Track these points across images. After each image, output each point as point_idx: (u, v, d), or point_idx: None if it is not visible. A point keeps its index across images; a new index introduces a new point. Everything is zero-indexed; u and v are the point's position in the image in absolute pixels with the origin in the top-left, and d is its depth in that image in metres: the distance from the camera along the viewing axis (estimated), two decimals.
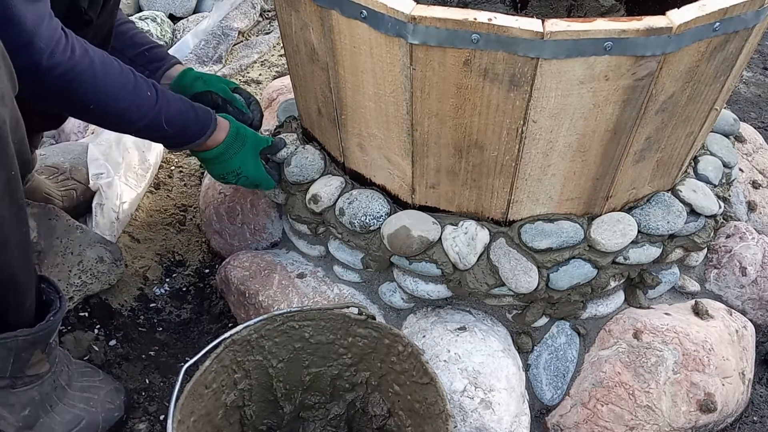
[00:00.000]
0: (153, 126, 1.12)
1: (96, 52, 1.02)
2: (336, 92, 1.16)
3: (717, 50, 1.00)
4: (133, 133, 1.16)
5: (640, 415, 1.16)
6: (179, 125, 1.15)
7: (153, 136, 1.18)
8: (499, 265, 1.18)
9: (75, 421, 1.13)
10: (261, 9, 2.44)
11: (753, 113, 2.12)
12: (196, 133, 1.19)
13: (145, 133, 1.16)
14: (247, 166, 1.27)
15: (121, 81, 1.05)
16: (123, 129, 1.16)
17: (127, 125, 1.12)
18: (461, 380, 1.14)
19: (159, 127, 1.12)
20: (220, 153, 1.23)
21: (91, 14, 1.19)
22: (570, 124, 1.03)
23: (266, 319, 1.08)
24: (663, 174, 1.23)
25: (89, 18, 1.19)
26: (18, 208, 0.94)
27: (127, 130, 1.16)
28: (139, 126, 1.11)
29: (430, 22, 0.92)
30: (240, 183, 1.30)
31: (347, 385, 1.16)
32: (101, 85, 1.02)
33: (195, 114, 1.18)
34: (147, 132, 1.15)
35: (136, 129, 1.13)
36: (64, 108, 1.13)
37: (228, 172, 1.27)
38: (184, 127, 1.17)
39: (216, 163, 1.25)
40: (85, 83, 1.00)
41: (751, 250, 1.37)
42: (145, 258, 1.53)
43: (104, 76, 1.02)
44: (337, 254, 1.32)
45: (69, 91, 0.99)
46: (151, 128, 1.12)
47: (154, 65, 1.36)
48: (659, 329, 1.22)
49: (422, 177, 1.18)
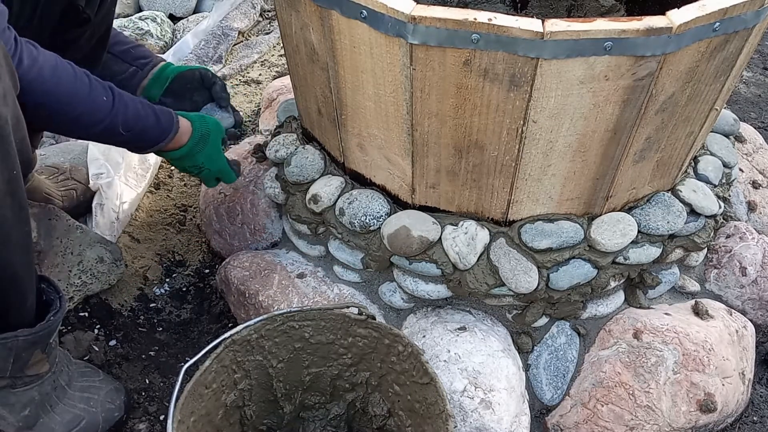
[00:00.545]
0: (109, 131, 1.11)
1: (47, 59, 1.00)
2: (336, 92, 1.16)
3: (717, 50, 1.00)
4: (91, 138, 1.16)
5: (640, 415, 1.16)
6: (138, 130, 1.14)
7: (111, 141, 1.16)
8: (499, 265, 1.18)
9: (75, 421, 1.13)
10: (261, 9, 2.44)
11: (753, 113, 2.12)
12: (156, 137, 1.18)
13: (102, 138, 1.15)
14: (210, 161, 1.29)
15: (74, 87, 1.04)
16: (78, 135, 1.16)
17: (82, 131, 1.11)
18: (461, 380, 1.14)
19: (115, 132, 1.11)
20: (183, 154, 1.25)
21: (89, 12, 1.19)
22: (570, 124, 1.03)
23: (266, 319, 1.08)
24: (663, 174, 1.23)
25: (87, 16, 1.19)
26: (20, 207, 0.93)
27: (83, 136, 1.16)
28: (95, 131, 1.10)
29: (430, 22, 0.92)
30: (202, 175, 1.32)
31: (347, 385, 1.16)
32: (52, 93, 1.01)
33: (155, 118, 1.17)
34: (104, 137, 1.14)
35: (93, 134, 1.12)
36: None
37: (190, 166, 1.29)
38: (142, 132, 1.15)
39: (180, 161, 1.27)
40: (34, 92, 0.99)
41: (751, 250, 1.37)
42: (145, 258, 1.53)
43: (56, 84, 1.01)
44: (337, 254, 1.32)
45: (19, 99, 0.96)
46: (107, 133, 1.11)
47: (140, 62, 1.38)
48: (659, 329, 1.22)
49: (422, 177, 1.18)
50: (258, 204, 1.46)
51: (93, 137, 1.15)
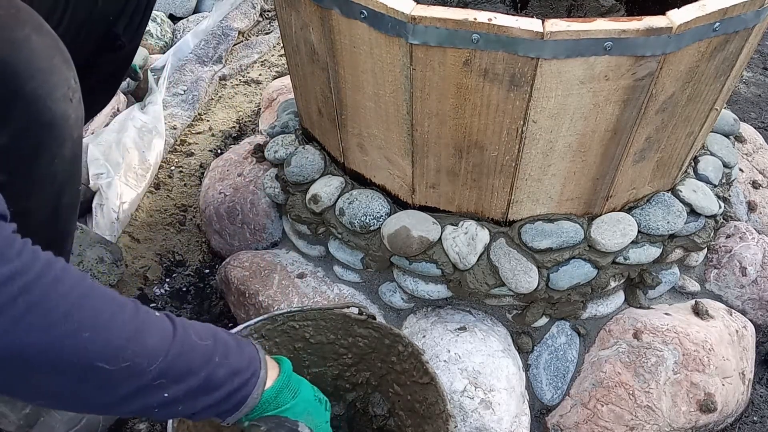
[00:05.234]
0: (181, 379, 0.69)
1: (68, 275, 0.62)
2: (336, 92, 1.16)
3: (717, 50, 1.00)
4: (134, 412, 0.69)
5: (640, 415, 1.16)
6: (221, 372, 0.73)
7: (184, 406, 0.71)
8: (499, 265, 1.18)
9: (75, 419, 1.13)
10: (261, 9, 2.44)
11: (753, 113, 2.12)
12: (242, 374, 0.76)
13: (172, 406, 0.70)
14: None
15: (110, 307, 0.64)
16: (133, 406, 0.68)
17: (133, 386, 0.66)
18: (461, 380, 1.14)
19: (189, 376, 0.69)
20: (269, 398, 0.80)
21: (125, 40, 1.18)
22: (570, 124, 1.03)
23: (266, 319, 1.08)
24: (663, 174, 1.23)
25: (122, 43, 1.19)
26: (76, 221, 0.95)
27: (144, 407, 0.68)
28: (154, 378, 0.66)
29: (430, 22, 0.92)
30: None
31: (347, 385, 1.16)
32: (76, 309, 0.61)
33: (237, 346, 0.77)
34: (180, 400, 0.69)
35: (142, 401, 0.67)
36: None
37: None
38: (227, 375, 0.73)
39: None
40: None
41: (751, 250, 1.37)
42: (145, 258, 1.53)
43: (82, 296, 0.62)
44: (337, 254, 1.32)
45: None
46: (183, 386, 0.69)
47: None
48: (659, 329, 1.22)
49: (422, 177, 1.18)
50: (258, 204, 1.46)
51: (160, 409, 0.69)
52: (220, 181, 1.53)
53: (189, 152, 1.82)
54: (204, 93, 1.97)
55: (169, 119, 1.85)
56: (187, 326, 0.72)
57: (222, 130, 1.91)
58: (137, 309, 0.67)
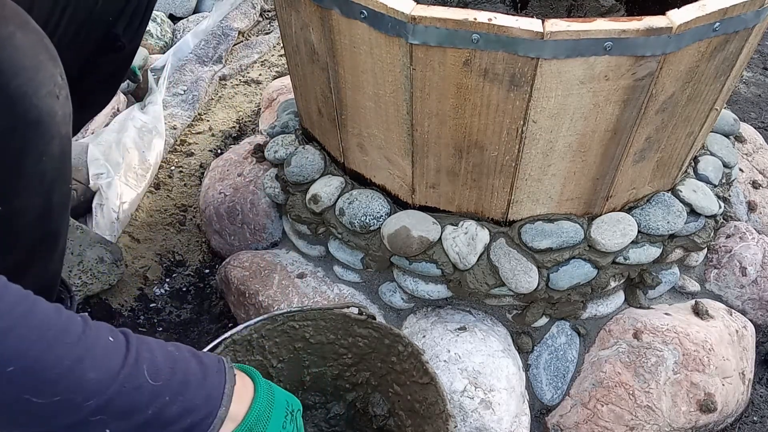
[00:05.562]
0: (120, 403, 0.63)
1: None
2: (336, 92, 1.16)
3: (717, 50, 1.00)
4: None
5: (640, 415, 1.16)
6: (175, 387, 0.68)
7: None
8: (499, 265, 1.18)
9: None
10: (261, 9, 2.44)
11: (753, 113, 2.12)
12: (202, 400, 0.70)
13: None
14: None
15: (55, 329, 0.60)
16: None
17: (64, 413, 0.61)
18: (461, 380, 1.14)
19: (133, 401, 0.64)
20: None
21: (125, 41, 1.18)
22: (570, 124, 1.03)
23: (266, 319, 1.08)
24: (663, 174, 1.23)
25: (122, 44, 1.18)
26: (68, 220, 0.95)
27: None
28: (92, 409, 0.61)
29: (430, 22, 0.92)
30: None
31: (347, 385, 1.16)
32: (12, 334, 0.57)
33: (199, 365, 0.72)
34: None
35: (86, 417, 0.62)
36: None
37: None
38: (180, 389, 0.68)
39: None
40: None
41: (751, 250, 1.37)
42: (145, 258, 1.53)
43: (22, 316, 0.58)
44: (337, 254, 1.32)
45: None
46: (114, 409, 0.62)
47: None
48: (659, 329, 1.22)
49: (422, 177, 1.18)
50: (258, 204, 1.46)
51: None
52: (220, 181, 1.53)
53: (189, 152, 1.82)
54: (204, 93, 1.97)
55: (169, 119, 1.85)
56: (141, 358, 0.65)
57: (222, 130, 1.91)
58: (84, 334, 0.61)
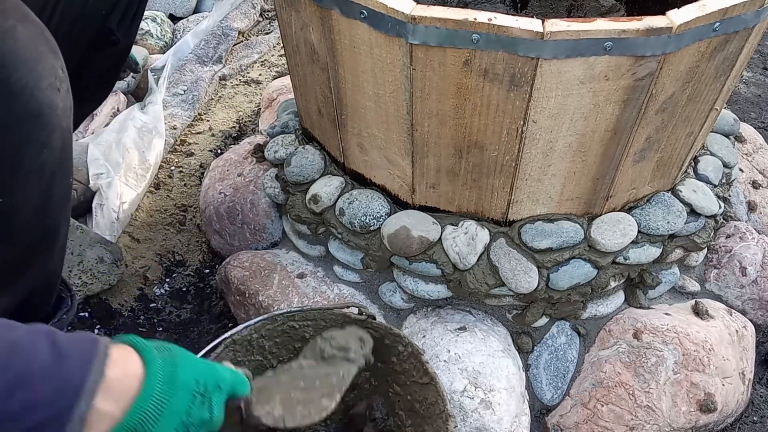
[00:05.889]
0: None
1: None
2: (336, 92, 1.16)
3: (717, 50, 1.00)
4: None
5: (640, 415, 1.16)
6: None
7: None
8: (499, 265, 1.18)
9: None
10: (261, 9, 2.44)
11: (753, 113, 2.12)
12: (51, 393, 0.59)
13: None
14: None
15: None
16: None
17: None
18: (461, 380, 1.14)
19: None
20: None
21: (119, 35, 1.18)
22: (570, 124, 1.03)
23: (266, 319, 1.08)
24: (663, 174, 1.23)
25: (116, 38, 1.18)
26: (69, 216, 0.94)
27: None
28: None
29: (430, 22, 0.92)
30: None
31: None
32: None
33: (50, 348, 0.61)
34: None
35: None
36: None
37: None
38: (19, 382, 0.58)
39: None
40: None
41: (751, 250, 1.37)
42: (145, 258, 1.53)
43: None
44: (337, 254, 1.32)
45: None
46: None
47: None
48: (659, 329, 1.22)
49: (422, 177, 1.18)
50: (258, 204, 1.46)
51: None
52: (220, 181, 1.53)
53: (189, 152, 1.82)
54: (204, 93, 1.97)
55: (169, 119, 1.85)
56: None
57: (222, 130, 1.91)
58: None
